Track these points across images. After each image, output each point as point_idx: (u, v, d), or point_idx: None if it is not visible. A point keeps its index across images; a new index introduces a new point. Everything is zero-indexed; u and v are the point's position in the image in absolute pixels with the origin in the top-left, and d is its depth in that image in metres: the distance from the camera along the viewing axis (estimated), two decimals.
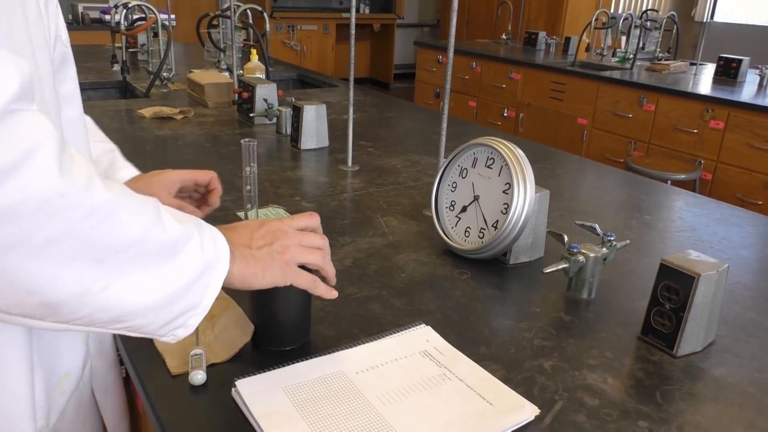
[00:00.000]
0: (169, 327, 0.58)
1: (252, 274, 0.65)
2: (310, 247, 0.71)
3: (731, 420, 0.70)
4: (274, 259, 0.66)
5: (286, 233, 0.69)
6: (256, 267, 0.65)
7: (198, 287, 0.58)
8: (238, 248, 0.64)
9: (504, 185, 1.00)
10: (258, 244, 0.67)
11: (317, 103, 1.69)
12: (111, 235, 0.50)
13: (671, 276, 0.80)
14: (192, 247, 0.57)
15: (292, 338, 0.78)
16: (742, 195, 3.06)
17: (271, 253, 0.66)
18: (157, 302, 0.55)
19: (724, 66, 3.60)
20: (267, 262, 0.66)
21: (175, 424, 0.65)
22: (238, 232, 0.67)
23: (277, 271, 0.66)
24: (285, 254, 0.67)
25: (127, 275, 0.52)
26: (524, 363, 0.78)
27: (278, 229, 0.69)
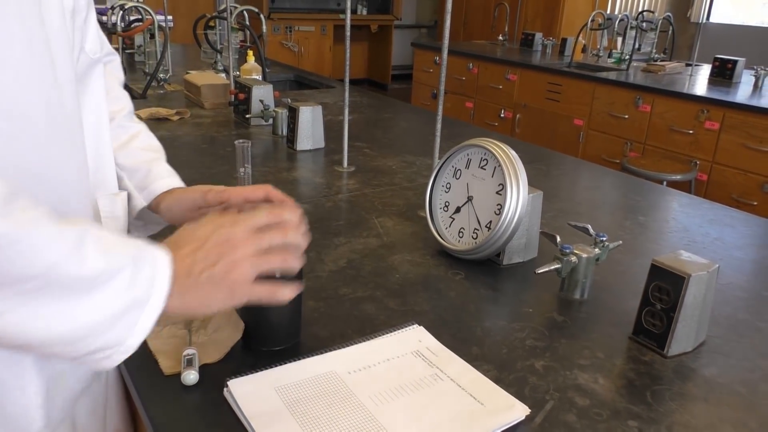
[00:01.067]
0: (89, 359, 0.55)
1: (193, 307, 0.60)
2: (269, 250, 0.63)
3: (721, 420, 0.70)
4: (218, 284, 0.60)
5: (235, 245, 0.61)
6: (197, 299, 0.60)
7: (122, 325, 0.54)
8: (178, 279, 0.58)
9: (497, 186, 1.00)
10: (199, 267, 0.59)
11: (313, 104, 1.70)
12: (8, 266, 0.47)
13: (662, 276, 0.80)
14: (117, 283, 0.53)
15: (283, 338, 0.78)
16: (737, 196, 3.07)
17: (212, 278, 0.60)
18: (68, 336, 0.52)
19: (719, 67, 3.61)
20: (209, 291, 0.60)
21: (168, 424, 0.65)
22: (182, 258, 0.60)
23: (223, 297, 0.61)
24: (232, 274, 0.60)
25: (28, 306, 0.49)
26: (516, 363, 0.78)
27: (227, 240, 0.61)
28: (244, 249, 0.61)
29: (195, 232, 0.62)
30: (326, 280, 0.97)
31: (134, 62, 2.98)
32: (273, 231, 0.64)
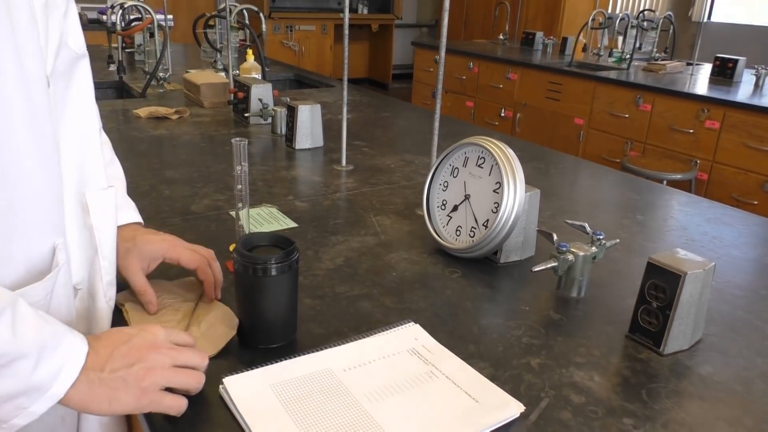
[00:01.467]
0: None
1: (95, 401, 0.59)
2: (183, 368, 0.65)
3: (716, 417, 0.70)
4: (129, 385, 0.60)
5: (156, 351, 0.63)
6: (102, 394, 0.59)
7: (11, 405, 0.54)
8: (87, 371, 0.58)
9: (494, 184, 1.00)
10: (115, 365, 0.59)
11: (312, 103, 1.70)
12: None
13: (658, 274, 0.80)
14: (17, 368, 0.53)
15: (279, 336, 0.78)
16: (737, 195, 3.06)
17: (126, 378, 0.60)
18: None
19: (720, 66, 3.61)
20: (117, 389, 0.59)
21: (163, 422, 0.65)
22: (96, 350, 0.60)
23: (129, 399, 0.60)
24: (145, 379, 0.61)
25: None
26: (512, 361, 0.78)
27: (148, 346, 0.63)
28: (162, 358, 0.63)
29: (121, 330, 0.64)
30: (323, 278, 0.97)
31: (134, 61, 2.98)
32: (192, 352, 0.67)
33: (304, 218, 1.21)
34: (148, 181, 1.37)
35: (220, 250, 1.00)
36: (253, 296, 0.76)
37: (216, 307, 0.84)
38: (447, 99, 4.81)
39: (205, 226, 1.15)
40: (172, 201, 1.27)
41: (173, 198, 1.29)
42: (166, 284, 0.90)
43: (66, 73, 0.70)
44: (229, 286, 0.91)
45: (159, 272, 0.93)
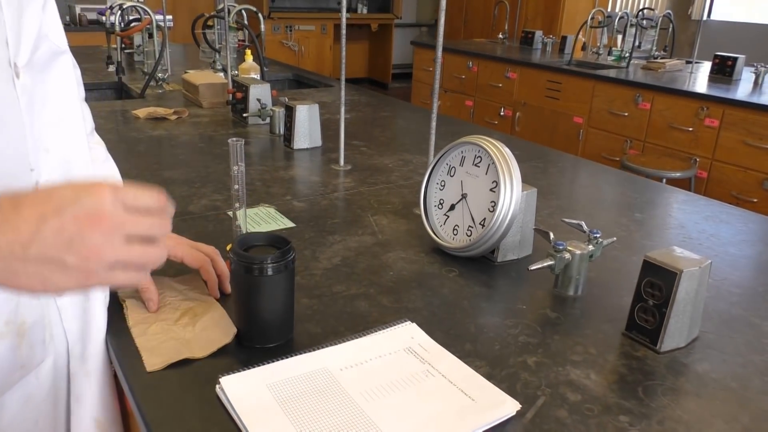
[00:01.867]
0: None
1: (24, 285, 0.48)
2: (135, 247, 0.51)
3: (712, 415, 0.70)
4: (67, 269, 0.48)
5: (99, 223, 0.48)
6: (31, 280, 0.48)
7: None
8: (3, 254, 0.47)
9: (491, 183, 1.00)
10: (45, 244, 0.47)
11: (310, 103, 1.70)
12: None
13: (654, 272, 0.80)
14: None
15: (276, 335, 0.78)
16: (737, 193, 3.06)
17: (63, 260, 0.48)
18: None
19: (719, 64, 3.61)
20: (51, 271, 0.48)
21: (160, 421, 0.66)
22: (15, 226, 0.47)
23: (69, 282, 0.49)
24: (89, 260, 0.48)
25: None
26: (508, 359, 0.78)
27: (90, 216, 0.48)
28: (110, 233, 0.49)
29: (52, 190, 0.49)
30: (320, 278, 0.97)
31: (133, 62, 2.98)
32: (149, 219, 0.53)
33: (301, 218, 1.21)
34: (146, 182, 1.37)
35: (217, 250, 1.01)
36: (250, 296, 0.76)
37: (215, 309, 0.84)
38: (446, 98, 4.81)
39: (203, 226, 1.15)
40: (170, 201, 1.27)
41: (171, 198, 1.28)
42: (167, 281, 0.91)
43: (46, 67, 0.69)
44: None
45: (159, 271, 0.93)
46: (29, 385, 0.72)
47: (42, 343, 0.71)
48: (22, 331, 0.68)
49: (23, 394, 0.71)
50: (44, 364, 0.73)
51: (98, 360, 0.79)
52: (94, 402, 0.79)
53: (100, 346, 0.80)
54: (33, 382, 0.72)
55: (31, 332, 0.69)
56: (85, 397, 0.78)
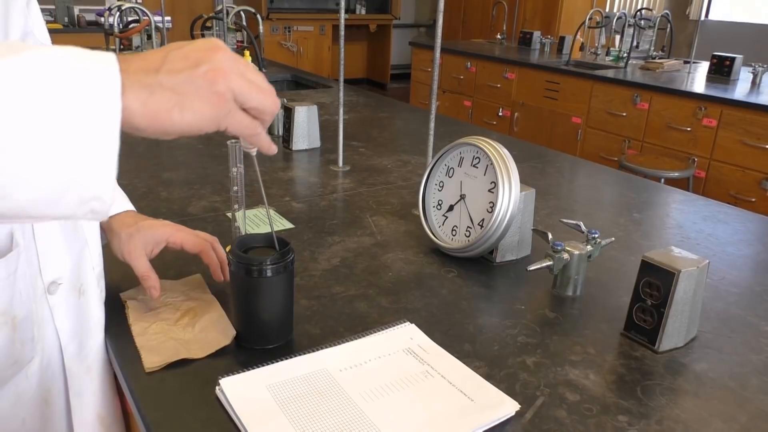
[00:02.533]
0: (67, 202, 0.45)
1: (164, 110, 0.47)
2: (255, 84, 0.52)
3: (710, 414, 0.70)
4: (199, 87, 0.48)
5: (220, 52, 0.50)
6: (168, 99, 0.47)
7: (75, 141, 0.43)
8: (137, 75, 0.46)
9: (489, 184, 1.01)
10: (174, 66, 0.47)
11: (308, 104, 1.70)
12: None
13: (652, 272, 0.80)
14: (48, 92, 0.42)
15: (275, 336, 0.79)
16: (735, 192, 3.07)
17: (192, 78, 0.48)
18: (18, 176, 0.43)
19: (717, 64, 3.61)
20: (185, 92, 0.47)
21: (160, 422, 0.66)
22: (143, 56, 0.48)
23: (204, 106, 0.48)
24: (217, 82, 0.48)
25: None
26: (507, 360, 0.79)
27: (209, 48, 0.50)
28: (230, 62, 0.50)
29: (164, 46, 0.50)
30: (319, 279, 0.97)
31: None
32: (260, 73, 0.54)
33: (300, 219, 1.21)
34: (145, 183, 1.38)
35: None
36: (249, 297, 0.76)
37: (214, 310, 0.85)
38: (445, 99, 4.82)
39: (202, 227, 1.15)
40: (169, 203, 1.27)
41: (170, 200, 1.29)
42: (167, 283, 0.91)
43: None
44: (225, 286, 0.91)
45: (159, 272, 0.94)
46: (20, 384, 0.72)
47: (31, 340, 0.71)
48: (14, 325, 0.68)
49: (14, 392, 0.71)
50: (32, 362, 0.72)
51: (98, 356, 0.80)
52: (95, 398, 0.79)
53: (100, 343, 0.80)
54: (23, 382, 0.72)
55: (21, 327, 0.69)
56: (87, 394, 0.78)
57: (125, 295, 0.87)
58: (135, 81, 0.46)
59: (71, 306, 0.75)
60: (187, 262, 0.98)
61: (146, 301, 0.86)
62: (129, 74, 0.46)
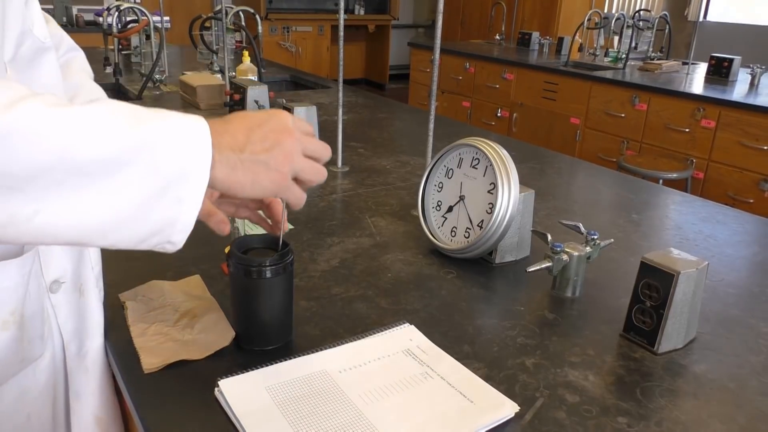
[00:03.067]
0: (149, 243, 0.55)
1: (239, 183, 0.58)
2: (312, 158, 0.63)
3: (709, 415, 0.70)
4: (270, 169, 0.59)
5: (290, 136, 0.61)
6: (245, 176, 0.58)
7: (166, 202, 0.53)
8: (226, 153, 0.57)
9: (489, 185, 1.01)
10: (255, 148, 0.58)
11: (307, 105, 1.70)
12: (13, 160, 0.47)
13: (652, 274, 0.80)
14: (144, 160, 0.51)
15: (275, 338, 0.79)
16: (733, 193, 3.07)
17: (267, 162, 0.59)
18: (110, 223, 0.52)
19: (715, 65, 3.62)
20: (260, 173, 0.59)
21: (159, 424, 0.66)
22: (232, 133, 0.58)
23: (269, 184, 0.60)
24: (285, 166, 0.60)
25: (56, 200, 0.49)
26: (507, 361, 0.79)
27: (283, 130, 0.60)
28: (296, 145, 0.61)
29: (243, 117, 0.61)
30: (319, 280, 0.97)
31: (130, 63, 2.98)
32: (318, 142, 0.64)
33: (299, 220, 1.21)
34: None
35: (215, 252, 1.01)
36: (248, 298, 0.76)
37: (213, 312, 0.84)
38: (443, 99, 4.82)
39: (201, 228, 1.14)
40: None
41: None
42: (166, 285, 0.91)
43: (32, 63, 0.68)
44: (224, 288, 0.91)
45: (158, 273, 0.94)
46: (26, 379, 0.72)
47: (41, 337, 0.72)
48: (22, 324, 0.68)
49: (19, 388, 0.71)
50: (42, 359, 0.73)
51: (97, 357, 0.79)
52: (94, 399, 0.79)
53: (99, 343, 0.80)
54: (30, 377, 0.72)
55: (30, 325, 0.70)
56: (85, 395, 0.78)
57: (124, 296, 0.87)
58: (224, 158, 0.56)
59: (72, 305, 0.76)
60: (186, 262, 0.98)
61: (145, 302, 0.86)
62: (220, 150, 0.56)
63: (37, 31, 0.69)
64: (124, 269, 0.95)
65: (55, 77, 0.73)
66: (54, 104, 0.49)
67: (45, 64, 0.71)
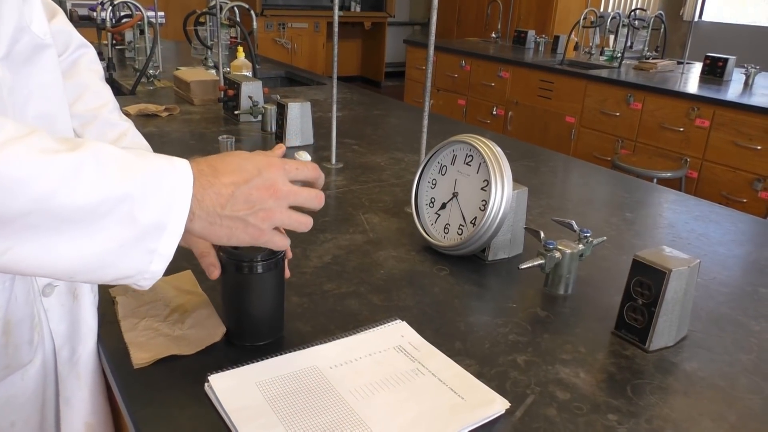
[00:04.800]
0: (119, 283, 0.57)
1: (216, 235, 0.60)
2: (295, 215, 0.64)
3: (700, 413, 0.71)
4: (248, 226, 0.61)
5: (276, 193, 0.62)
6: (222, 231, 0.60)
7: (138, 252, 0.54)
8: (207, 209, 0.58)
9: (482, 182, 1.01)
10: (236, 207, 0.60)
11: (302, 101, 1.69)
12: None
13: (643, 271, 0.81)
14: (122, 211, 0.52)
15: (265, 333, 0.78)
16: (727, 193, 3.08)
17: (246, 219, 0.60)
18: (80, 267, 0.53)
19: (710, 65, 3.63)
20: (237, 228, 0.60)
21: (148, 419, 0.65)
22: (217, 189, 0.59)
23: (246, 238, 0.62)
24: (263, 223, 0.61)
25: (29, 241, 0.50)
26: (498, 358, 0.79)
27: (271, 186, 0.61)
28: (281, 200, 0.62)
29: (241, 164, 0.61)
30: (311, 276, 0.97)
31: (124, 58, 2.97)
32: (307, 192, 0.65)
33: None
34: None
35: None
36: (239, 294, 0.75)
37: (204, 307, 0.84)
38: (439, 97, 4.82)
39: None
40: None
41: None
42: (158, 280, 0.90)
43: (29, 60, 0.67)
44: (216, 283, 0.91)
45: None
46: (13, 386, 0.71)
47: (29, 343, 0.70)
48: (7, 330, 0.67)
49: (5, 395, 0.70)
50: (32, 365, 0.72)
51: (89, 362, 0.79)
52: (84, 405, 0.79)
53: (91, 349, 0.79)
54: (17, 383, 0.71)
55: (16, 331, 0.68)
56: (76, 400, 0.78)
57: (115, 291, 0.87)
58: (203, 213, 0.58)
59: (66, 309, 0.74)
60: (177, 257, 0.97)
61: (136, 297, 0.85)
62: (201, 206, 0.58)
63: (36, 28, 0.68)
64: None
65: (54, 76, 0.72)
66: (40, 150, 0.49)
67: (43, 62, 0.69)
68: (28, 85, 0.67)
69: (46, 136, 0.51)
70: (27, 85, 0.67)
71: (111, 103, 0.89)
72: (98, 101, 0.85)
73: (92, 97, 0.83)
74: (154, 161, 0.56)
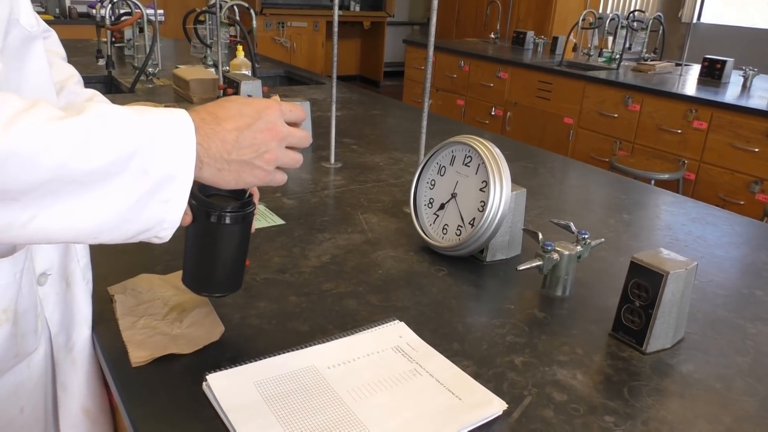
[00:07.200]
0: (137, 239, 0.59)
1: (224, 181, 0.63)
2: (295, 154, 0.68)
3: (696, 415, 0.71)
4: (255, 168, 0.64)
5: (277, 134, 0.64)
6: (231, 176, 0.63)
7: (155, 203, 0.57)
8: (214, 155, 0.61)
9: (481, 183, 1.01)
10: (242, 152, 0.62)
11: (301, 100, 1.69)
12: (14, 178, 0.50)
13: (641, 274, 0.81)
14: (135, 166, 0.55)
15: (223, 286, 0.77)
16: (724, 195, 3.09)
17: (252, 162, 0.63)
18: (102, 225, 0.55)
19: (708, 67, 3.63)
20: (245, 171, 0.63)
21: (146, 417, 0.65)
22: (221, 136, 0.61)
23: (253, 180, 0.65)
24: (269, 164, 0.65)
25: (51, 207, 0.52)
26: (495, 359, 0.79)
27: (273, 128, 0.64)
28: (282, 141, 0.65)
29: (240, 109, 0.63)
30: (309, 276, 0.97)
31: (123, 56, 2.96)
32: (300, 132, 0.68)
33: (291, 215, 1.21)
34: None
35: None
36: (204, 241, 0.73)
37: (203, 306, 0.84)
38: (438, 97, 4.82)
39: None
40: None
41: None
42: (156, 278, 0.90)
43: (20, 52, 0.68)
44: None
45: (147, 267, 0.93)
46: (21, 374, 0.72)
47: (34, 332, 0.71)
48: (17, 320, 0.68)
49: (14, 382, 0.71)
50: (36, 353, 0.73)
51: (84, 349, 0.79)
52: (81, 391, 0.79)
53: (86, 335, 0.79)
54: (25, 371, 0.72)
55: (23, 321, 0.69)
56: (72, 386, 0.78)
57: (113, 289, 0.87)
58: (211, 160, 0.61)
59: (59, 296, 0.75)
60: (175, 256, 0.98)
61: (134, 296, 0.85)
62: (208, 153, 0.60)
63: (24, 20, 0.69)
64: (114, 263, 0.95)
65: (44, 66, 0.73)
66: (48, 118, 0.51)
67: (33, 53, 0.70)
68: (19, 76, 0.68)
69: (49, 105, 0.53)
70: (19, 75, 0.68)
71: (76, 77, 0.90)
72: (63, 74, 0.86)
73: (57, 72, 0.84)
74: (156, 114, 0.58)
